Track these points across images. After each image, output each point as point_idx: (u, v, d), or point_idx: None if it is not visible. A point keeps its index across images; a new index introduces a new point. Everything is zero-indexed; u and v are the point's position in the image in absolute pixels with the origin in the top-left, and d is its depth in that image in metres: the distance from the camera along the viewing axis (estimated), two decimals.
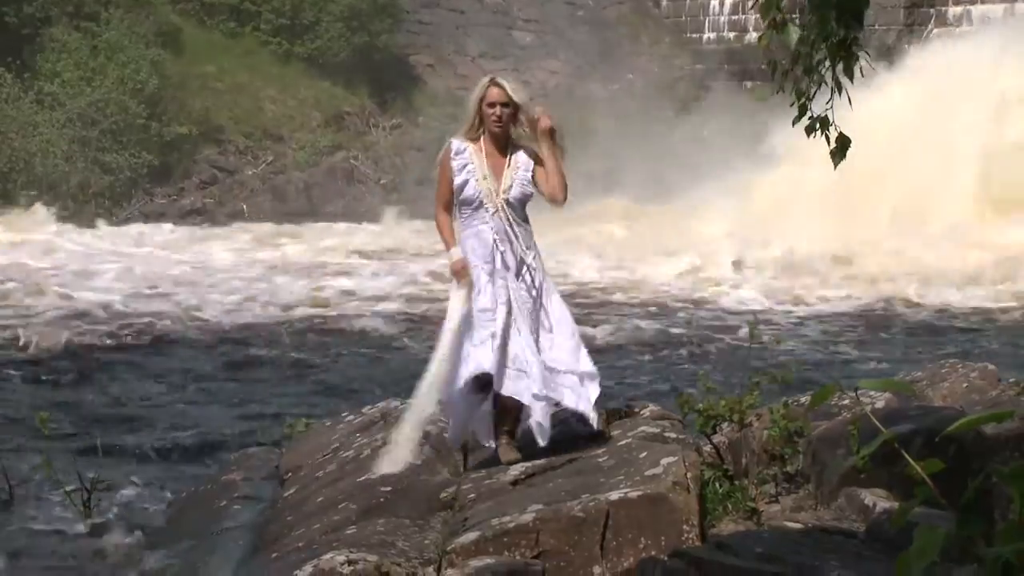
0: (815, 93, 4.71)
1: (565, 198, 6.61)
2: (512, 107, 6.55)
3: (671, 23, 35.60)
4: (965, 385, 7.58)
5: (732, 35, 34.77)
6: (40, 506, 8.57)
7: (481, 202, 6.52)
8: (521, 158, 6.59)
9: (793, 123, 4.77)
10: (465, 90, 34.01)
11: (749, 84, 33.71)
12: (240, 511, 7.43)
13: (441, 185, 6.62)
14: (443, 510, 6.19)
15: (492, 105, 6.55)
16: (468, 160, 6.56)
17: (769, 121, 25.79)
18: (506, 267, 6.52)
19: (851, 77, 4.57)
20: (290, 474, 7.67)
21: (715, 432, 6.94)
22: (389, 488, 6.48)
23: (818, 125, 4.70)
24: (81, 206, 26.39)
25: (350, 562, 5.41)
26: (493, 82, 6.61)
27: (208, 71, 30.09)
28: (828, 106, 4.64)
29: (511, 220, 6.54)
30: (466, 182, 6.53)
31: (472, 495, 6.21)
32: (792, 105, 4.76)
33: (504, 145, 6.60)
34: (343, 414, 8.73)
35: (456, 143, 6.62)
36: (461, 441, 6.89)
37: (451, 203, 6.62)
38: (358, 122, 31.07)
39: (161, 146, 27.78)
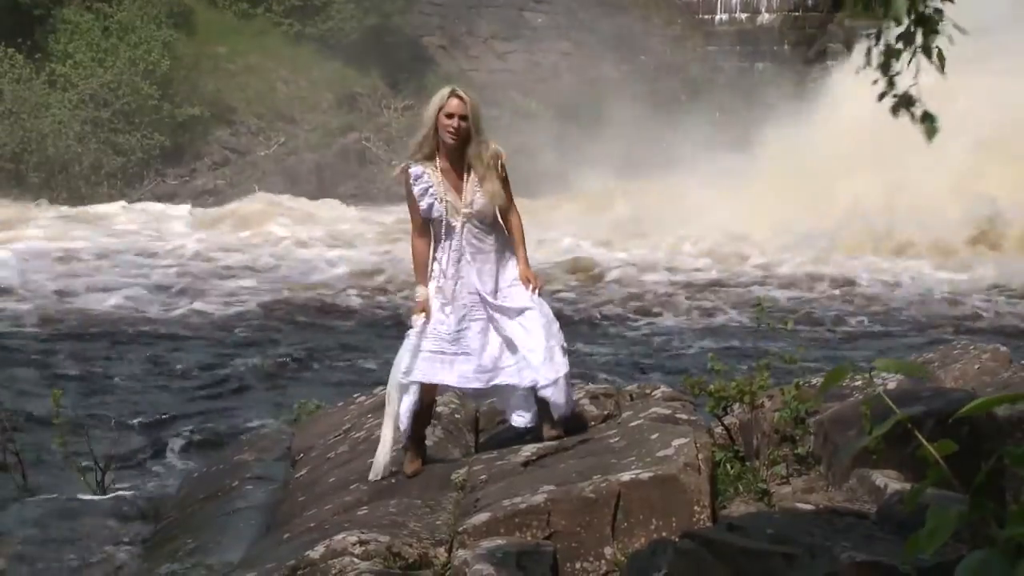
0: (900, 69, 4.62)
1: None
2: (469, 122, 6.43)
3: (683, 4, 35.47)
4: (977, 366, 7.53)
5: (744, 16, 34.65)
6: (54, 485, 8.62)
7: (446, 220, 6.49)
8: (478, 172, 6.52)
9: (879, 99, 4.68)
10: (476, 71, 33.85)
11: (761, 65, 33.62)
12: (252, 491, 7.45)
13: (411, 211, 6.58)
14: (454, 491, 6.19)
15: (450, 116, 6.43)
16: (428, 182, 6.50)
17: (778, 103, 25.74)
18: (471, 280, 6.53)
19: (929, 56, 4.50)
20: (302, 454, 7.69)
21: (726, 413, 6.94)
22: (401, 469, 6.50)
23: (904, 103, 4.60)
24: (93, 187, 26.39)
25: (361, 542, 5.43)
26: (454, 93, 6.48)
27: (220, 52, 30.05)
28: (914, 81, 4.56)
29: (477, 232, 6.55)
30: (431, 205, 6.49)
31: (483, 476, 6.22)
32: (872, 80, 4.65)
33: (460, 159, 6.52)
34: (355, 395, 8.76)
35: (413, 169, 6.54)
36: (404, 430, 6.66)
37: (424, 226, 6.57)
38: (370, 103, 31.00)
39: (173, 127, 27.76)
